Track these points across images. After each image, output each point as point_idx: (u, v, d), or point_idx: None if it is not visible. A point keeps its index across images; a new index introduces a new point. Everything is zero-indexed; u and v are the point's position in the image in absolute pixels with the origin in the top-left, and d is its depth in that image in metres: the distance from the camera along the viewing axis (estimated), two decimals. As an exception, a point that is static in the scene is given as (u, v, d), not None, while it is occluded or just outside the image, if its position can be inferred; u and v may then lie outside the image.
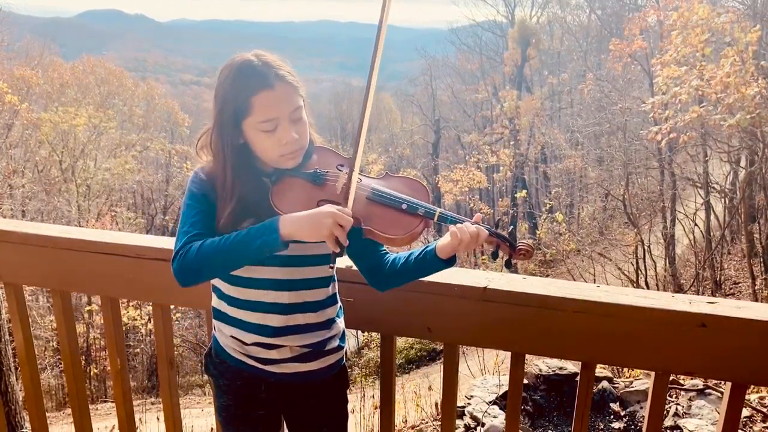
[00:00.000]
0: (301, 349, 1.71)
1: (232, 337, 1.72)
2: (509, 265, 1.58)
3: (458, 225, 1.53)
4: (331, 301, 1.76)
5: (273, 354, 1.70)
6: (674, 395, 4.20)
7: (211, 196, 1.61)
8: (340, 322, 1.81)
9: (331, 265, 1.51)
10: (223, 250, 1.48)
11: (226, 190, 1.58)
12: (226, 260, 1.50)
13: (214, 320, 1.78)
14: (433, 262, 1.62)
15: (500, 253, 1.57)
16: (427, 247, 1.65)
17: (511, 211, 25.36)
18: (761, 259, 12.24)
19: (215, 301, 1.75)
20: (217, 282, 1.73)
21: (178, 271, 1.53)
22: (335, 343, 1.78)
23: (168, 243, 2.20)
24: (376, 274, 1.75)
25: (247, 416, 1.80)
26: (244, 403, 1.79)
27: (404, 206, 1.57)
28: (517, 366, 1.92)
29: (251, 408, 1.79)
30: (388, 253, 1.75)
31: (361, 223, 1.56)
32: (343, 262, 1.92)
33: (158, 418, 5.72)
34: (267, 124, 1.54)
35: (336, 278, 1.80)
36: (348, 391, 1.91)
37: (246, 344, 1.70)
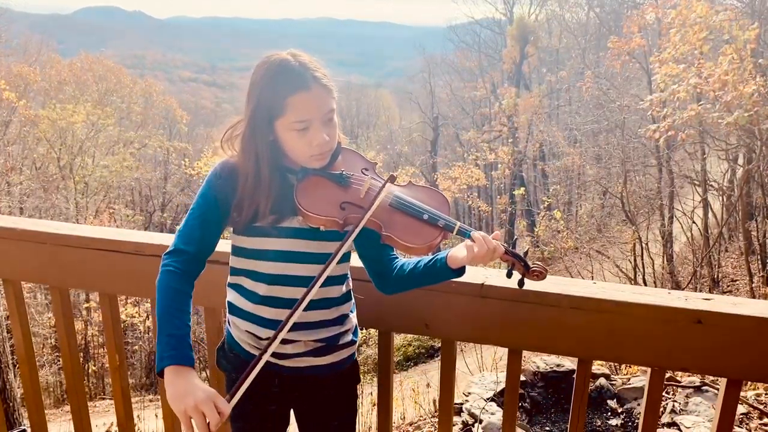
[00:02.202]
0: (315, 344, 1.73)
1: (247, 331, 1.73)
2: (521, 285, 1.60)
3: (477, 236, 1.54)
4: (345, 298, 1.78)
5: (287, 348, 1.71)
6: (671, 392, 4.21)
7: (226, 195, 1.63)
8: (353, 317, 1.83)
9: None
10: (159, 310, 1.57)
11: (256, 186, 1.59)
12: (156, 313, 1.60)
13: (228, 315, 1.79)
14: (443, 270, 1.64)
15: (514, 272, 1.59)
16: (437, 255, 1.66)
17: (510, 209, 25.39)
18: (758, 257, 12.26)
19: (232, 296, 1.76)
20: (233, 279, 1.75)
21: (159, 277, 1.63)
22: (348, 337, 1.80)
23: (166, 239, 2.20)
24: (383, 278, 1.77)
25: (257, 411, 1.81)
26: (256, 398, 1.79)
27: (425, 217, 1.59)
28: (514, 362, 1.93)
29: (263, 403, 1.80)
30: (397, 257, 1.76)
31: (381, 229, 1.58)
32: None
33: (156, 415, 5.73)
34: (300, 124, 1.55)
35: (350, 276, 1.81)
36: (359, 386, 1.92)
37: (261, 339, 1.72)
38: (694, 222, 14.74)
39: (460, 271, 1.64)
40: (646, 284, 13.18)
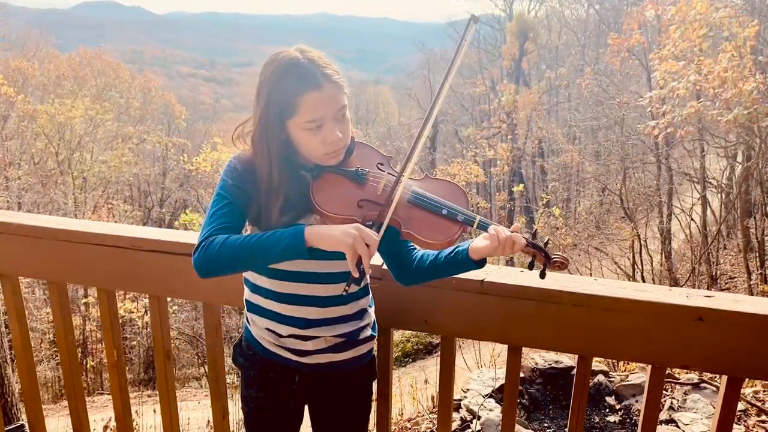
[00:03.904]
0: (336, 339, 1.72)
1: (267, 329, 1.72)
2: (543, 276, 1.59)
3: (497, 228, 1.53)
4: (363, 292, 1.77)
5: (308, 345, 1.71)
6: (669, 389, 4.22)
7: (245, 187, 1.60)
8: (372, 312, 1.82)
9: (346, 288, 1.48)
10: (247, 247, 1.47)
11: (270, 185, 1.57)
12: (248, 258, 1.50)
13: (247, 312, 1.78)
14: (464, 262, 1.62)
15: (535, 263, 1.58)
16: (458, 246, 1.65)
17: (508, 206, 25.40)
18: (757, 254, 12.27)
19: (248, 294, 1.76)
20: (250, 275, 1.73)
21: (199, 262, 1.51)
22: (368, 332, 1.79)
23: (163, 234, 2.19)
24: (402, 270, 1.76)
25: (275, 407, 1.81)
26: (274, 395, 1.80)
27: (444, 212, 1.58)
28: (513, 359, 1.92)
29: (281, 399, 1.80)
30: (415, 248, 1.75)
31: (401, 227, 1.57)
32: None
33: (155, 411, 5.72)
34: (312, 123, 1.53)
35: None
36: (374, 381, 1.92)
37: (282, 336, 1.71)
38: (692, 219, 14.75)
39: (482, 262, 1.63)
40: (644, 281, 13.19)
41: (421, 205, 1.59)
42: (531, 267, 1.59)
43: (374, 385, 1.92)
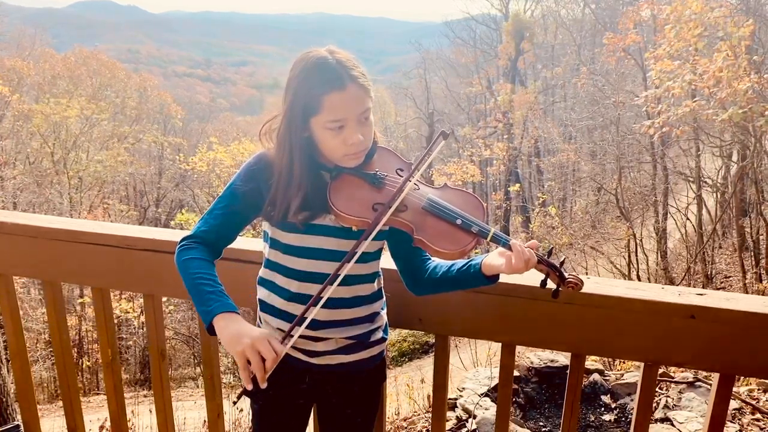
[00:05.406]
0: (346, 341, 1.72)
1: (278, 329, 1.73)
2: (556, 295, 1.55)
3: (512, 243, 1.51)
4: (376, 295, 1.78)
5: (319, 346, 1.72)
6: (665, 387, 4.23)
7: (258, 186, 1.62)
8: (384, 315, 1.83)
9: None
10: (189, 282, 1.58)
11: (289, 182, 1.59)
12: (186, 287, 1.61)
13: (260, 312, 1.79)
14: (476, 277, 1.61)
15: (548, 282, 1.55)
16: (471, 260, 1.64)
17: (505, 205, 25.42)
18: (752, 253, 12.32)
19: (263, 294, 1.76)
20: (266, 274, 1.74)
21: (175, 257, 1.64)
22: (379, 334, 1.79)
23: (158, 234, 2.19)
24: (415, 279, 1.75)
25: (284, 406, 1.82)
26: (284, 393, 1.80)
27: (459, 222, 1.57)
28: (507, 357, 1.93)
29: (290, 398, 1.81)
30: (430, 259, 1.75)
31: (413, 233, 1.57)
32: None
33: (151, 411, 5.72)
34: (334, 123, 1.54)
35: (381, 273, 1.80)
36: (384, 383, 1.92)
37: (292, 336, 1.71)
38: (688, 218, 14.80)
39: (495, 278, 1.61)
40: (640, 280, 13.22)
41: (436, 213, 1.59)
42: (543, 285, 1.53)
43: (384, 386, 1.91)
